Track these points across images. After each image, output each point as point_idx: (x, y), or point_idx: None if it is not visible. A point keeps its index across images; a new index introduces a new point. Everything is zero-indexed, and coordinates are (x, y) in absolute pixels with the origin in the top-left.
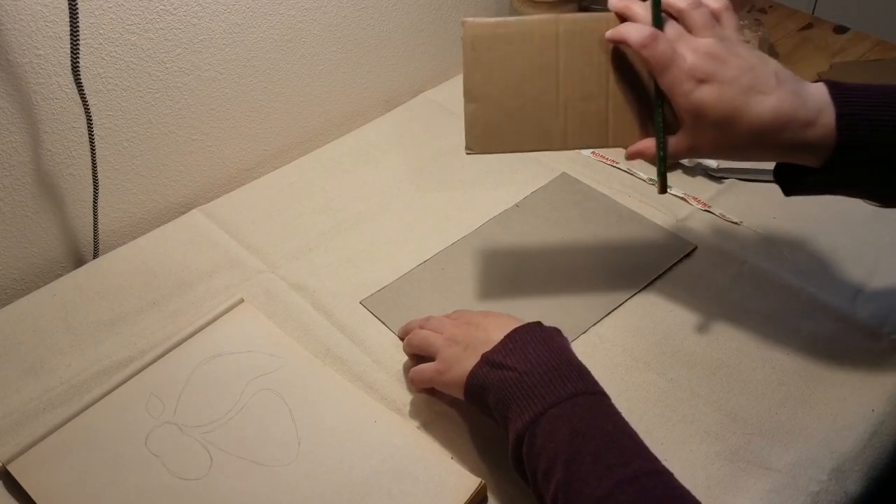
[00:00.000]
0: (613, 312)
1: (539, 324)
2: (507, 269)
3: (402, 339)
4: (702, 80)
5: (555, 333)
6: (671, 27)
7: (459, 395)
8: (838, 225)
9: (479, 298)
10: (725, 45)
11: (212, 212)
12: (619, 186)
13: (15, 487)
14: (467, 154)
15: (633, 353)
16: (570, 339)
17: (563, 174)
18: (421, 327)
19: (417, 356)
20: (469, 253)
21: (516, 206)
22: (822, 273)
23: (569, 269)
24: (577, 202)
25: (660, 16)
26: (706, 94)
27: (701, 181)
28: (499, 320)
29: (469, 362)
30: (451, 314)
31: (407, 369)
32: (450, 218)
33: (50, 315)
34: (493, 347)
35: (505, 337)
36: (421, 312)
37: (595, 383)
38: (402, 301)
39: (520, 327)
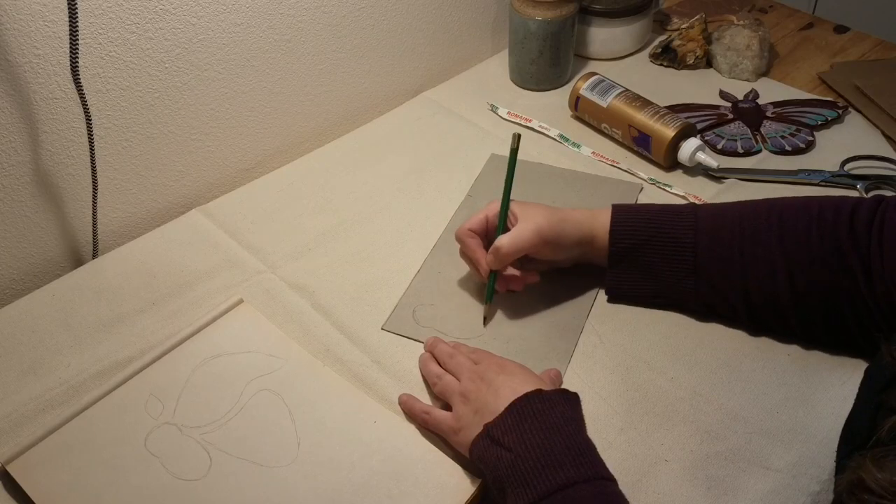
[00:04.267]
0: (614, 312)
1: (540, 393)
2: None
3: (428, 351)
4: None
5: (558, 403)
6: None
7: (468, 455)
8: None
9: (479, 298)
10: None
11: (211, 212)
12: None
13: (14, 488)
14: None
15: (633, 353)
16: (570, 338)
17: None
18: (445, 361)
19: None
20: None
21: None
22: None
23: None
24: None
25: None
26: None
27: (702, 181)
28: (512, 382)
29: (476, 429)
30: (473, 353)
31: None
32: (450, 218)
33: (49, 315)
34: (495, 419)
35: (506, 409)
36: (422, 313)
37: (594, 465)
38: (401, 301)
39: (520, 399)
